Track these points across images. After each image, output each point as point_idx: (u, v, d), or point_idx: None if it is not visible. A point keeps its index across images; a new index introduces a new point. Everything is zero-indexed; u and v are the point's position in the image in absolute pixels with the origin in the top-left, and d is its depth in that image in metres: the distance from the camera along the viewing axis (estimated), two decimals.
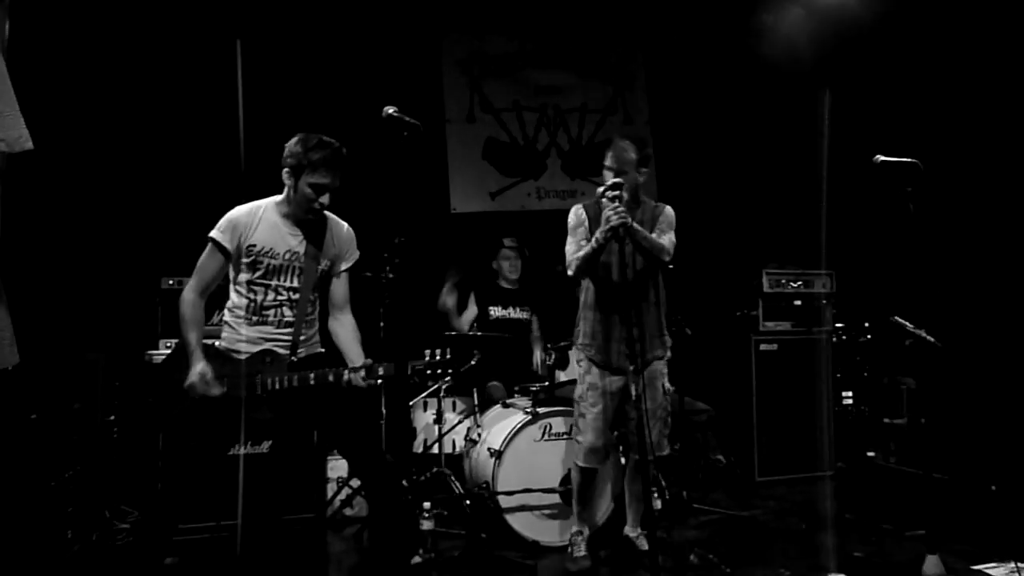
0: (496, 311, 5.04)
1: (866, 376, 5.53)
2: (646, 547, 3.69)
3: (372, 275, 4.27)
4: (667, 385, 3.69)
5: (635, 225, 3.43)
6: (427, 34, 6.08)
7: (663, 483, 4.34)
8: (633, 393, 3.25)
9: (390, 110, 2.83)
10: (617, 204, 3.30)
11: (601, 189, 3.42)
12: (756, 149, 6.30)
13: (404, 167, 2.82)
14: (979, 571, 3.45)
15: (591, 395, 3.64)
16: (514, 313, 5.06)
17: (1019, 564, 3.33)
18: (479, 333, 4.70)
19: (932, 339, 3.46)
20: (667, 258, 3.58)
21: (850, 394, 5.58)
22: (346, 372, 2.99)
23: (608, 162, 3.58)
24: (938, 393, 4.44)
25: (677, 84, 6.45)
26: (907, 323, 3.55)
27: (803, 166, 5.92)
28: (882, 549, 3.78)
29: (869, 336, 5.50)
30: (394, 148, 2.81)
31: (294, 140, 3.01)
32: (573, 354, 3.84)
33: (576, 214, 3.71)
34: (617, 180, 3.39)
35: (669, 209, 3.72)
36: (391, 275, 4.23)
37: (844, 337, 5.55)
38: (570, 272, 3.62)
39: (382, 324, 4.25)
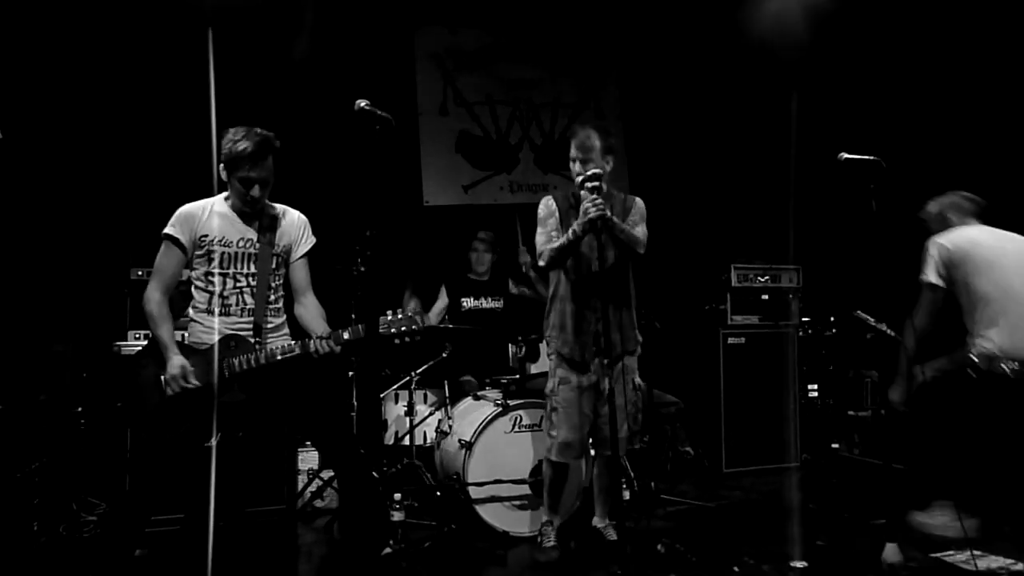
0: (468, 302, 5.07)
1: (831, 369, 5.64)
2: (615, 538, 3.76)
3: (343, 268, 4.27)
4: (637, 380, 3.69)
5: (613, 218, 3.42)
6: (400, 27, 6.06)
7: (632, 474, 4.40)
8: (605, 388, 3.28)
9: (362, 103, 2.83)
10: (596, 196, 3.28)
11: (580, 179, 3.40)
12: (726, 145, 6.37)
13: (376, 160, 2.82)
14: (937, 559, 3.54)
15: (564, 389, 3.62)
16: (486, 303, 5.08)
17: (975, 551, 3.42)
18: (450, 326, 4.72)
19: (893, 333, 3.54)
20: (642, 250, 3.56)
21: (816, 387, 5.68)
22: (312, 341, 2.98)
23: (573, 151, 3.57)
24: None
25: (649, 80, 6.51)
26: (869, 318, 3.64)
27: (771, 163, 6.00)
28: (845, 538, 3.87)
29: (834, 330, 5.60)
30: (366, 141, 2.82)
31: (226, 135, 2.99)
32: (544, 347, 3.86)
33: (546, 205, 3.69)
34: (596, 171, 3.34)
35: (640, 201, 3.72)
36: (362, 268, 4.23)
37: (810, 331, 5.65)
38: (541, 263, 3.59)
39: (353, 316, 4.26)
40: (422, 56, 6.18)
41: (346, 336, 2.98)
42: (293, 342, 3.04)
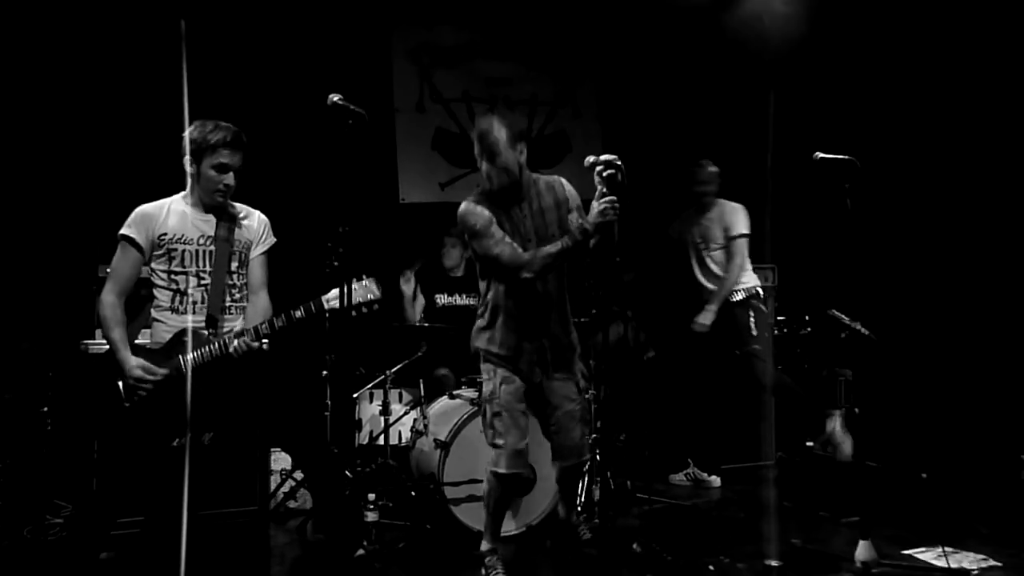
0: (443, 298, 5.05)
1: (806, 368, 5.66)
2: (589, 536, 3.75)
3: (316, 264, 4.21)
4: (583, 383, 3.42)
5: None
6: (377, 23, 6.01)
7: (608, 473, 4.39)
8: (554, 395, 3.21)
9: (335, 98, 2.81)
10: (614, 197, 2.91)
11: (590, 161, 3.00)
12: (703, 144, 6.38)
13: (349, 156, 2.79)
14: (909, 555, 3.57)
15: (505, 390, 3.20)
16: (460, 300, 5.06)
17: (946, 548, 3.45)
18: (425, 324, 4.68)
19: (867, 332, 3.56)
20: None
21: None
22: (233, 341, 2.93)
23: (476, 149, 3.15)
24: (872, 384, 4.57)
25: (627, 79, 6.50)
26: (843, 316, 3.65)
27: (747, 162, 6.02)
28: (819, 536, 3.89)
29: (809, 329, 5.63)
30: (339, 137, 2.79)
31: (191, 127, 2.99)
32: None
33: (478, 213, 3.19)
34: (612, 157, 2.96)
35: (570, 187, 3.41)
36: (336, 264, 4.18)
37: (785, 330, 5.67)
38: (527, 274, 3.12)
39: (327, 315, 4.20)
40: (399, 52, 6.13)
41: (298, 314, 2.93)
42: (232, 337, 2.96)
